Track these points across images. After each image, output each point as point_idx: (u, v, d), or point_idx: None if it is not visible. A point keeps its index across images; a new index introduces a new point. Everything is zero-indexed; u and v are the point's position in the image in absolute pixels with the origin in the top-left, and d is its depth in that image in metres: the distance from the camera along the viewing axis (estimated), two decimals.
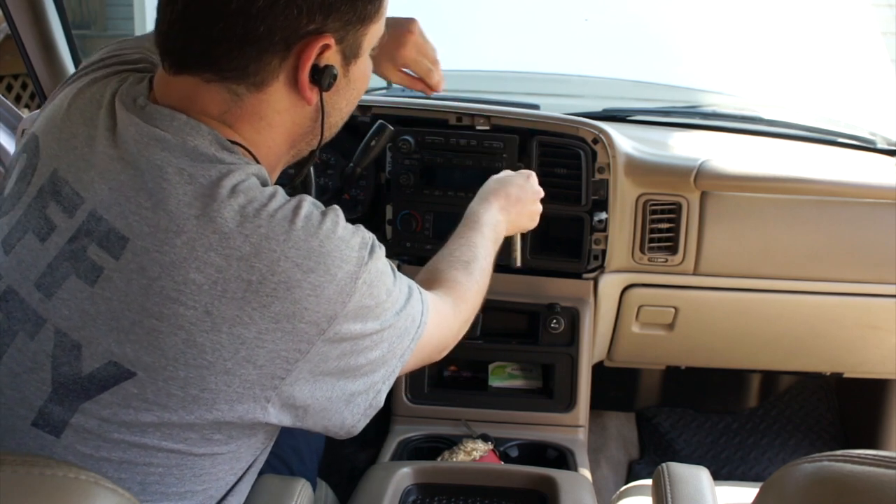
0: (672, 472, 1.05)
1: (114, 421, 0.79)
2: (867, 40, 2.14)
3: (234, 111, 0.84)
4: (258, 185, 0.82)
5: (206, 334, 0.77)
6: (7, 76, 4.44)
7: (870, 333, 1.74)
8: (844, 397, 2.25)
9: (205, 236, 0.77)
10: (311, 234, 0.80)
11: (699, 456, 2.20)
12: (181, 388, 0.78)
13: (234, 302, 0.77)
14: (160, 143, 0.81)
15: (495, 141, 1.61)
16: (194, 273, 0.76)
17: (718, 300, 1.69)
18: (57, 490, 0.58)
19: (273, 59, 0.82)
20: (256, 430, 0.86)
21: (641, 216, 1.62)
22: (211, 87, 0.83)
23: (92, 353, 0.79)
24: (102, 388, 0.79)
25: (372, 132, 1.51)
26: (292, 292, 0.78)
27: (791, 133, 1.91)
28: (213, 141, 0.82)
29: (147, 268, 0.77)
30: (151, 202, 0.78)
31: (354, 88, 0.92)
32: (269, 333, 0.78)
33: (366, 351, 0.85)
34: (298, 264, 0.78)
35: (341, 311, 0.80)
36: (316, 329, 0.80)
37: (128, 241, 0.78)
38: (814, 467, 0.61)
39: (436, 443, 1.59)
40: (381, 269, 0.86)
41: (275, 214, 0.79)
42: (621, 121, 1.90)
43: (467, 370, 1.77)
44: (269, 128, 0.86)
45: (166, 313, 0.77)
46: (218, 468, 0.85)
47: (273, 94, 0.84)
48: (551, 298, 1.66)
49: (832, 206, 1.61)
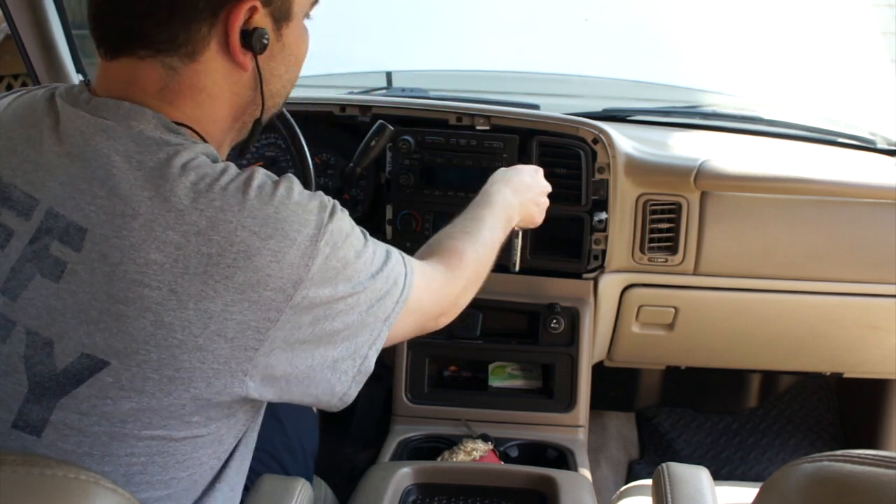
0: (672, 472, 1.05)
1: (93, 414, 0.79)
2: (867, 40, 2.14)
3: (173, 86, 0.84)
4: (208, 161, 0.82)
5: (174, 312, 0.77)
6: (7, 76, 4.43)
7: (870, 333, 1.74)
8: (844, 397, 2.25)
9: (161, 216, 0.77)
10: (266, 202, 0.80)
11: (699, 456, 2.20)
12: (156, 370, 0.78)
13: (196, 277, 0.77)
14: (106, 132, 0.81)
15: (495, 141, 1.61)
16: (154, 253, 0.77)
17: (718, 300, 1.70)
18: (57, 490, 0.58)
19: (201, 27, 0.82)
20: (235, 409, 0.86)
21: (641, 216, 1.62)
22: (146, 63, 0.83)
23: (64, 348, 0.79)
24: (78, 381, 0.79)
25: (372, 132, 1.51)
26: (253, 260, 0.78)
27: (791, 133, 1.91)
28: (158, 124, 0.83)
29: (108, 255, 0.77)
30: (104, 190, 0.79)
31: (291, 54, 0.92)
32: (235, 305, 0.78)
33: (341, 315, 0.84)
34: (256, 232, 0.79)
35: (306, 275, 0.80)
36: (282, 295, 0.79)
37: (87, 231, 0.78)
38: (814, 467, 0.61)
39: (436, 443, 1.59)
40: (345, 231, 0.86)
41: (227, 187, 0.80)
42: (621, 121, 1.90)
43: (467, 370, 1.77)
44: (211, 100, 0.87)
45: (132, 297, 0.77)
46: (200, 452, 0.85)
47: (207, 63, 0.84)
48: (551, 298, 1.66)
49: (832, 206, 1.61)
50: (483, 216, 1.16)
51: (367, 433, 1.99)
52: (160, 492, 0.84)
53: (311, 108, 1.69)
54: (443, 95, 1.90)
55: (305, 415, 1.38)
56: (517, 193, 1.25)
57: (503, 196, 1.22)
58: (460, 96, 1.87)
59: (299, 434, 1.31)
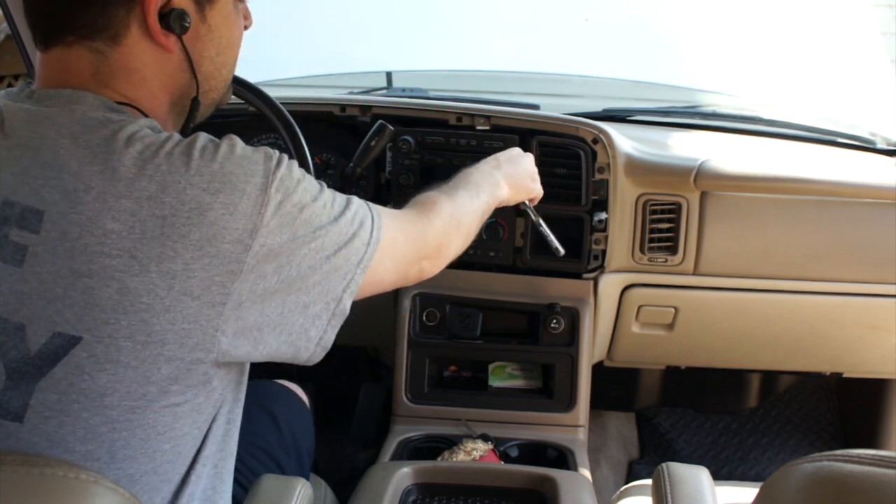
0: (672, 472, 1.05)
1: (71, 392, 0.80)
2: (867, 40, 2.14)
3: (104, 70, 0.87)
4: (151, 132, 0.84)
5: (137, 277, 0.79)
6: (7, 76, 4.43)
7: (869, 333, 1.74)
8: (844, 397, 2.25)
9: (112, 186, 0.79)
10: (210, 159, 0.82)
11: (699, 456, 2.20)
12: (128, 338, 0.80)
13: (154, 240, 0.79)
14: (50, 119, 0.84)
15: (495, 141, 1.61)
16: (111, 223, 0.79)
17: (718, 300, 1.69)
18: (56, 489, 0.58)
19: (118, 10, 0.85)
20: (211, 376, 0.86)
21: (641, 216, 1.62)
22: (74, 50, 0.86)
23: (35, 330, 0.80)
24: (53, 361, 0.80)
25: (372, 132, 1.51)
26: (206, 216, 0.80)
27: (791, 133, 1.91)
28: (100, 105, 0.85)
29: (67, 231, 0.79)
30: (54, 171, 0.81)
31: (221, 35, 0.94)
32: (196, 262, 0.80)
33: (306, 258, 0.86)
34: (205, 188, 0.81)
35: (260, 222, 0.82)
36: (240, 247, 0.81)
37: (43, 212, 0.80)
38: (814, 467, 0.61)
39: (436, 443, 1.59)
40: (296, 177, 0.87)
41: (172, 152, 0.82)
42: (621, 121, 1.90)
43: (467, 370, 1.77)
44: (145, 81, 0.89)
45: (94, 268, 0.79)
46: (180, 422, 0.86)
47: (132, 46, 0.87)
48: (551, 298, 1.66)
49: (832, 206, 1.61)
50: (457, 181, 1.20)
51: (367, 433, 1.99)
52: (145, 465, 0.85)
53: (311, 108, 1.69)
54: (443, 95, 1.90)
55: (300, 412, 1.38)
56: (497, 168, 1.28)
57: (478, 169, 1.25)
58: (460, 96, 1.87)
59: (294, 432, 1.31)
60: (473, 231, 1.19)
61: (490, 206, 1.24)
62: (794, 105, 2.08)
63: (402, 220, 1.03)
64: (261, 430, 1.26)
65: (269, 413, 1.29)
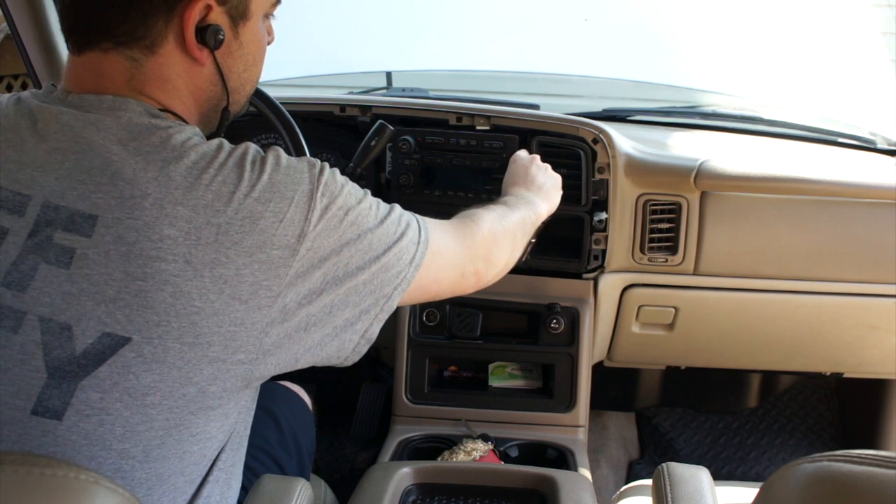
0: (672, 472, 1.05)
1: (115, 391, 0.82)
2: (867, 40, 2.14)
3: (139, 77, 0.89)
4: (202, 140, 0.87)
5: (191, 282, 0.81)
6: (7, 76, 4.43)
7: (869, 333, 1.74)
8: (844, 397, 2.25)
9: (169, 193, 0.82)
10: (261, 170, 0.86)
11: (699, 456, 2.20)
12: (176, 339, 0.81)
13: (209, 246, 0.82)
14: (95, 125, 0.85)
15: (495, 141, 1.61)
16: (168, 229, 0.81)
17: (718, 300, 1.70)
18: (57, 489, 0.58)
19: (158, 21, 0.87)
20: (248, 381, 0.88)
21: (641, 216, 1.62)
22: (110, 56, 0.88)
23: (83, 330, 0.81)
24: (100, 361, 0.81)
25: (372, 132, 1.51)
26: (258, 224, 0.83)
27: (791, 133, 1.91)
28: (144, 112, 0.87)
29: (123, 235, 0.81)
30: (106, 178, 0.82)
31: (249, 53, 0.96)
32: (246, 267, 0.83)
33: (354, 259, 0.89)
34: (257, 198, 0.84)
35: (308, 227, 0.86)
36: (288, 252, 0.84)
37: (97, 217, 0.82)
38: (814, 467, 0.61)
39: (436, 443, 1.59)
40: (339, 182, 0.91)
41: (226, 163, 0.85)
42: (621, 121, 1.90)
43: (467, 370, 1.78)
44: (177, 91, 0.92)
45: (150, 272, 0.80)
46: (211, 426, 0.88)
47: (167, 56, 0.89)
48: (551, 298, 1.66)
49: (832, 206, 1.61)
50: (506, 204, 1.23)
51: (367, 433, 1.99)
52: (174, 465, 0.86)
53: (311, 108, 1.69)
54: (443, 95, 1.90)
55: (301, 413, 1.39)
56: (538, 190, 1.33)
57: (526, 195, 1.29)
58: (460, 96, 1.87)
59: (295, 433, 1.32)
60: (520, 242, 1.21)
61: (532, 221, 1.27)
62: (794, 105, 2.08)
63: (447, 225, 1.07)
64: (262, 430, 1.26)
65: (271, 413, 1.29)
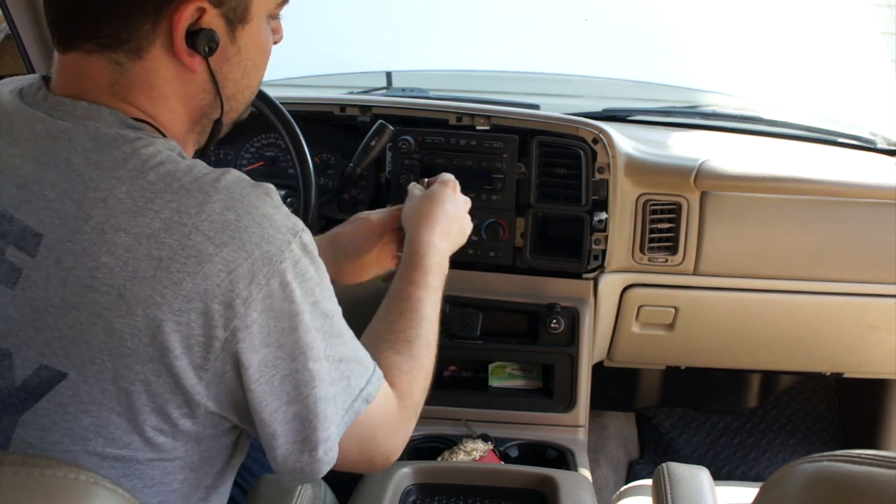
0: (672, 472, 1.05)
1: (54, 430, 0.76)
2: (867, 40, 2.14)
3: (122, 82, 0.80)
4: (173, 157, 0.78)
5: (122, 319, 0.73)
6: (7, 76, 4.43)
7: (869, 333, 1.74)
8: (844, 397, 2.25)
9: (112, 218, 0.73)
10: (229, 206, 0.74)
11: (699, 456, 2.20)
12: (113, 381, 0.74)
13: (145, 282, 0.72)
14: (64, 133, 0.78)
15: (495, 141, 1.61)
16: (105, 256, 0.73)
17: (718, 300, 1.69)
18: (56, 490, 0.58)
19: (145, 24, 0.78)
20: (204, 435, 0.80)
21: (641, 216, 1.62)
22: (93, 58, 0.79)
23: (22, 360, 0.75)
24: (37, 395, 0.75)
25: (372, 132, 1.51)
26: (203, 267, 0.73)
27: (791, 133, 1.91)
28: (116, 121, 0.79)
29: (62, 259, 0.74)
30: (56, 193, 0.75)
31: (248, 58, 0.86)
32: (183, 315, 0.73)
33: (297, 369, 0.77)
34: (210, 237, 0.73)
35: (257, 294, 0.74)
36: (231, 312, 0.73)
37: (42, 236, 0.75)
38: (814, 467, 0.61)
39: (436, 443, 1.58)
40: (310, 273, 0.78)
41: (188, 186, 0.75)
42: (621, 121, 1.90)
43: (467, 370, 1.77)
44: (164, 98, 0.82)
45: (84, 302, 0.73)
46: (170, 478, 0.80)
47: (154, 61, 0.80)
48: (551, 298, 1.66)
49: (832, 206, 1.61)
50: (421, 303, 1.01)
51: None
52: None
53: (311, 108, 1.69)
54: (443, 95, 1.90)
55: None
56: (445, 236, 1.13)
57: (435, 252, 1.09)
58: (460, 96, 1.87)
59: None
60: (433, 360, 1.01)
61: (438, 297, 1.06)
62: (794, 105, 2.08)
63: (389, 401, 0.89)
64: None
65: None
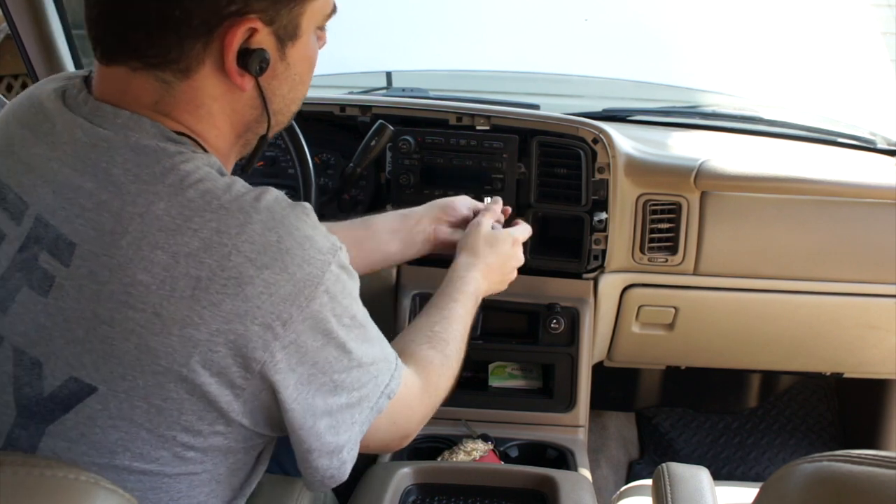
0: (672, 472, 1.05)
1: (81, 442, 0.75)
2: (867, 40, 2.14)
3: (168, 100, 0.79)
4: (212, 174, 0.77)
5: (157, 337, 0.72)
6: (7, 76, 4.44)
7: (869, 333, 1.74)
8: (844, 397, 2.25)
9: (150, 234, 0.72)
10: (270, 227, 0.74)
11: (699, 456, 2.20)
12: (143, 398, 0.74)
13: (182, 301, 0.72)
14: (104, 142, 0.77)
15: (495, 141, 1.61)
16: (142, 274, 0.72)
17: (718, 300, 1.69)
18: (57, 490, 0.58)
19: (195, 45, 0.77)
20: (236, 449, 0.81)
21: (641, 216, 1.62)
22: (139, 75, 0.78)
23: (52, 370, 0.74)
24: (66, 407, 0.75)
25: (372, 132, 1.51)
26: (244, 289, 0.72)
27: (791, 133, 1.91)
28: (157, 134, 0.78)
29: (96, 272, 0.73)
30: (93, 203, 0.75)
31: (296, 73, 0.86)
32: (220, 336, 0.72)
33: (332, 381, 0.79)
34: (252, 259, 0.73)
35: (297, 315, 0.74)
36: (270, 334, 0.74)
37: (76, 246, 0.74)
38: (814, 467, 0.61)
39: (436, 443, 1.58)
40: (348, 289, 0.80)
41: (228, 206, 0.74)
42: (621, 121, 1.90)
43: (467, 370, 1.76)
44: (210, 116, 0.81)
45: (118, 318, 0.72)
46: (196, 491, 0.80)
47: (202, 80, 0.79)
48: (551, 298, 1.66)
49: (832, 206, 1.61)
50: (456, 318, 1.08)
51: None
52: None
53: (311, 108, 1.69)
54: (443, 95, 1.90)
55: None
56: (486, 279, 1.18)
57: (475, 285, 1.15)
58: (460, 96, 1.87)
59: None
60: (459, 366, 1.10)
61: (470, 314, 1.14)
62: (794, 105, 2.08)
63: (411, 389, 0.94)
64: None
65: None
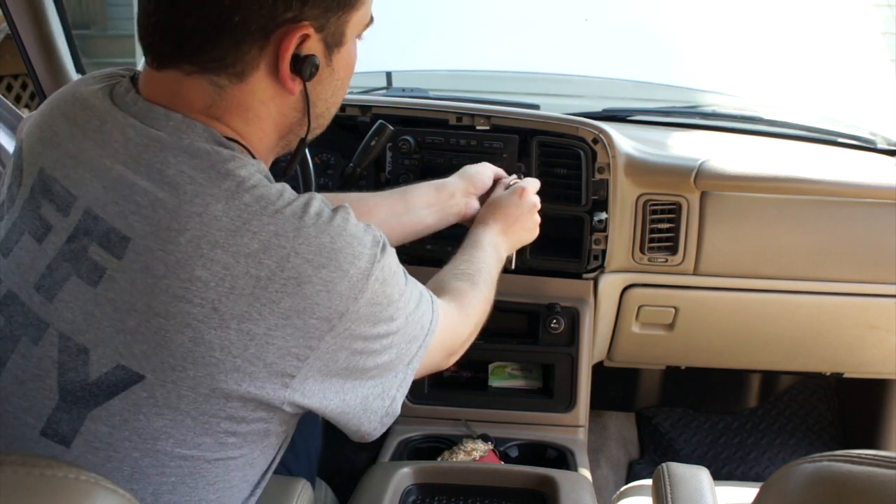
0: (672, 472, 1.05)
1: (124, 428, 0.78)
2: (867, 40, 2.14)
3: (220, 104, 0.82)
4: (264, 181, 0.80)
5: (214, 331, 0.76)
6: (7, 76, 4.45)
7: (869, 333, 1.74)
8: (844, 397, 2.25)
9: (210, 234, 0.76)
10: (322, 230, 0.79)
11: (699, 456, 2.20)
12: (191, 388, 0.77)
13: (242, 298, 0.76)
14: (158, 143, 0.80)
15: (495, 141, 1.61)
16: (200, 270, 0.75)
17: (718, 300, 1.69)
18: (57, 490, 0.58)
19: (251, 49, 0.80)
20: (270, 433, 0.85)
21: (641, 216, 1.62)
22: (192, 79, 0.81)
23: (99, 357, 0.77)
24: (111, 393, 0.77)
25: (372, 132, 1.51)
26: (303, 288, 0.77)
27: (791, 133, 1.91)
28: (210, 138, 0.81)
29: (152, 267, 0.76)
30: (148, 200, 0.77)
31: (338, 78, 0.91)
32: (278, 329, 0.77)
33: (375, 354, 0.85)
34: (309, 260, 0.77)
35: (353, 306, 0.80)
36: (327, 325, 0.79)
37: (130, 240, 0.77)
38: (814, 467, 0.61)
39: (436, 443, 1.59)
40: (393, 269, 0.85)
41: (283, 211, 0.78)
42: (621, 121, 1.90)
43: (467, 370, 1.77)
44: (258, 119, 0.85)
45: (173, 311, 0.75)
46: (231, 475, 0.84)
47: (255, 84, 0.83)
48: (551, 298, 1.66)
49: (832, 206, 1.61)
50: (478, 258, 1.17)
51: None
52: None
53: None
54: (443, 95, 1.90)
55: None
56: (503, 234, 1.25)
57: (491, 237, 1.22)
58: (460, 96, 1.87)
59: (303, 433, 1.31)
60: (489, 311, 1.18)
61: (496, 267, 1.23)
62: (794, 105, 2.08)
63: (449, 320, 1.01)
64: None
65: None
